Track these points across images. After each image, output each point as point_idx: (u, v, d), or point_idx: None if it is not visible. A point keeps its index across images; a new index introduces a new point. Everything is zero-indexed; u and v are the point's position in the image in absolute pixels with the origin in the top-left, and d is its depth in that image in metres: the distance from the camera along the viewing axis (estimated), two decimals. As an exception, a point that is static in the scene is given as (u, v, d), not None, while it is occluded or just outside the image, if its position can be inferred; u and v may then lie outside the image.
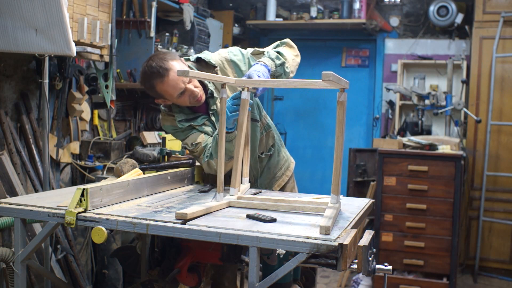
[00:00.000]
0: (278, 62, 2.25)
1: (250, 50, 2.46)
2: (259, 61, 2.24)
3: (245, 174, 2.20)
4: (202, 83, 2.36)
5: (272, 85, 2.19)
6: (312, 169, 6.13)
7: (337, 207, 1.83)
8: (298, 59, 2.43)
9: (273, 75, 2.26)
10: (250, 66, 2.37)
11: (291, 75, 2.35)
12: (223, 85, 2.05)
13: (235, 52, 2.43)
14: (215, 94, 2.39)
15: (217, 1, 5.90)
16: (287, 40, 2.45)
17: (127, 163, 2.34)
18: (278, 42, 2.44)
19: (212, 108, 2.39)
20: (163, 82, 2.22)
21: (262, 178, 2.54)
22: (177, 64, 2.23)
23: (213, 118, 2.40)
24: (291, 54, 2.37)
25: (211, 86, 2.39)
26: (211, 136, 2.36)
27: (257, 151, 2.48)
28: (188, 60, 2.42)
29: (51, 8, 2.40)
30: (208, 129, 2.39)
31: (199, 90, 2.30)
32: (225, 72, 2.39)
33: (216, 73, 2.35)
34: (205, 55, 2.40)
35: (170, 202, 2.02)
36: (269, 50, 2.37)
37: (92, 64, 3.64)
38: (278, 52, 2.30)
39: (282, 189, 2.61)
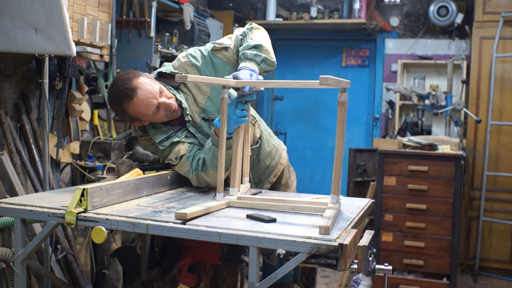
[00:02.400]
0: (259, 59, 2.14)
1: (209, 46, 2.31)
2: (241, 67, 2.10)
3: (245, 174, 2.20)
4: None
5: (273, 85, 2.19)
6: (312, 169, 6.13)
7: (337, 207, 1.83)
8: (269, 39, 2.28)
9: (260, 74, 2.15)
10: (212, 64, 2.26)
11: (275, 60, 2.23)
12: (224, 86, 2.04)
13: (194, 54, 2.30)
14: (184, 104, 2.24)
15: (217, 1, 5.90)
16: (253, 24, 2.32)
17: (124, 164, 2.34)
18: (243, 29, 2.29)
19: (186, 119, 2.27)
20: (133, 103, 2.09)
21: (254, 171, 2.43)
22: (143, 80, 2.11)
23: (192, 131, 2.28)
24: (265, 38, 2.22)
25: (179, 97, 2.25)
26: (195, 145, 2.27)
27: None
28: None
29: (51, 8, 2.39)
30: (192, 140, 2.28)
31: (173, 101, 2.18)
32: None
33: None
34: (166, 67, 2.29)
35: (170, 202, 2.02)
36: (240, 45, 2.22)
37: (92, 64, 3.64)
38: (254, 47, 2.16)
39: (279, 179, 2.53)
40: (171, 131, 2.27)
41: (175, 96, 2.24)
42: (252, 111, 2.38)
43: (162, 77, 2.28)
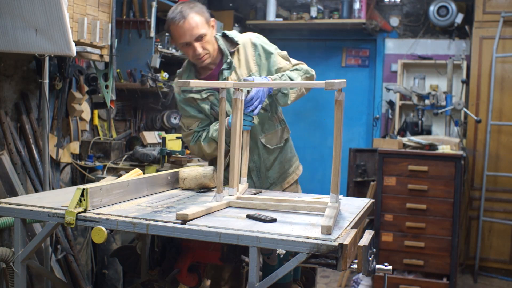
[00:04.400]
0: (284, 90, 2.34)
1: (279, 51, 2.53)
2: (266, 76, 2.33)
3: (243, 174, 2.20)
4: (220, 51, 2.45)
5: (272, 86, 2.19)
6: (312, 169, 6.13)
7: (336, 207, 1.83)
8: (306, 91, 2.51)
9: (273, 95, 2.38)
10: (267, 60, 2.46)
11: (289, 103, 2.42)
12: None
13: (262, 39, 2.53)
14: (234, 64, 2.44)
15: (217, 1, 5.90)
16: (313, 73, 2.55)
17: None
18: (305, 68, 2.52)
19: (223, 78, 2.44)
20: (174, 26, 2.34)
21: (272, 171, 2.58)
22: (196, 18, 2.33)
23: (216, 95, 2.44)
24: (303, 89, 2.44)
25: (230, 60, 2.44)
26: (205, 120, 2.49)
27: (268, 142, 2.53)
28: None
29: (51, 8, 2.39)
30: (206, 106, 2.46)
31: (204, 53, 2.38)
32: (246, 51, 2.46)
33: (238, 50, 2.46)
34: (231, 33, 2.50)
35: (170, 202, 2.02)
36: (287, 72, 2.43)
37: (92, 64, 3.63)
38: (290, 78, 2.37)
39: (287, 188, 2.65)
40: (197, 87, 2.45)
41: (227, 56, 2.44)
42: (281, 115, 2.65)
43: (224, 38, 2.50)
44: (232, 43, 2.48)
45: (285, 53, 2.54)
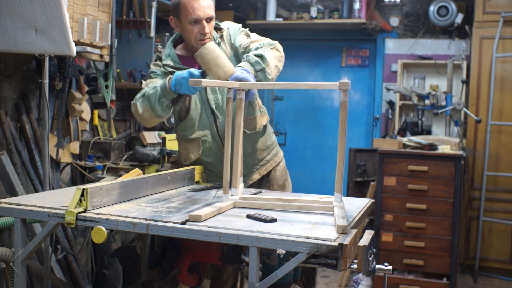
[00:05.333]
0: (258, 67, 2.29)
1: (242, 29, 2.58)
2: (238, 66, 2.26)
3: (240, 174, 2.20)
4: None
5: (277, 87, 2.19)
6: (312, 169, 6.13)
7: (342, 206, 1.84)
8: (281, 65, 2.47)
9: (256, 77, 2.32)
10: (235, 40, 2.50)
11: (272, 81, 2.39)
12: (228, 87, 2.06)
13: (232, 23, 2.62)
14: (222, 45, 2.48)
15: (217, 1, 5.87)
16: (276, 42, 2.50)
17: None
18: (266, 42, 2.49)
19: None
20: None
21: (250, 158, 2.57)
22: (211, 1, 2.43)
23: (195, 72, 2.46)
24: (274, 59, 2.39)
25: (218, 41, 2.49)
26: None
27: (246, 127, 2.51)
28: None
29: (51, 8, 2.39)
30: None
31: (209, 35, 2.42)
32: (225, 36, 2.53)
33: (221, 35, 2.53)
34: (224, 24, 2.60)
35: (170, 202, 2.02)
36: (253, 49, 2.43)
37: (92, 64, 3.63)
38: (260, 56, 2.32)
39: (269, 174, 2.64)
40: (179, 65, 2.49)
41: (215, 38, 2.50)
42: (261, 103, 2.63)
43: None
44: (217, 29, 2.54)
45: (246, 30, 2.59)
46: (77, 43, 2.76)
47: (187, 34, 2.44)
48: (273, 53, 2.41)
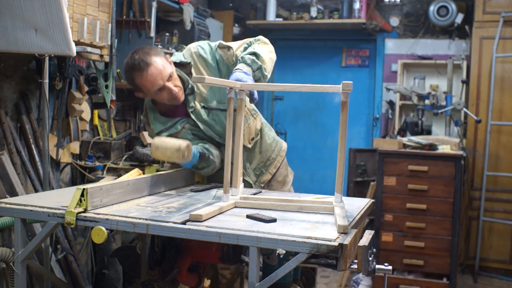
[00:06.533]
0: (255, 66, 2.26)
1: (217, 43, 2.47)
2: (236, 69, 2.23)
3: (240, 174, 2.20)
4: (181, 79, 2.38)
5: (279, 89, 2.18)
6: (312, 169, 6.13)
7: (342, 206, 1.84)
8: (274, 56, 2.44)
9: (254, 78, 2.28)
10: (216, 60, 2.41)
11: (269, 75, 2.37)
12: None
13: (203, 46, 2.45)
14: (196, 89, 2.41)
15: (217, 1, 5.90)
16: (260, 36, 2.47)
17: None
18: (251, 39, 2.45)
19: (191, 105, 2.40)
20: (142, 76, 2.24)
21: (256, 162, 2.55)
22: (159, 60, 2.25)
23: (192, 117, 2.41)
24: (266, 53, 2.36)
25: (191, 85, 2.40)
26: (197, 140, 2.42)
27: (245, 140, 2.48)
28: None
29: (51, 8, 2.39)
30: (188, 137, 2.39)
31: (178, 90, 2.31)
32: (197, 66, 2.41)
33: (190, 69, 2.40)
34: (175, 57, 2.42)
35: (170, 202, 2.02)
36: (243, 52, 2.37)
37: (92, 64, 3.63)
38: (253, 54, 2.29)
39: (276, 174, 2.62)
40: (170, 123, 2.40)
41: (188, 81, 2.38)
42: (253, 106, 2.54)
43: (175, 65, 2.41)
44: (183, 65, 2.41)
45: (221, 42, 2.47)
46: (77, 43, 2.76)
47: (159, 99, 2.35)
48: (264, 48, 2.39)
